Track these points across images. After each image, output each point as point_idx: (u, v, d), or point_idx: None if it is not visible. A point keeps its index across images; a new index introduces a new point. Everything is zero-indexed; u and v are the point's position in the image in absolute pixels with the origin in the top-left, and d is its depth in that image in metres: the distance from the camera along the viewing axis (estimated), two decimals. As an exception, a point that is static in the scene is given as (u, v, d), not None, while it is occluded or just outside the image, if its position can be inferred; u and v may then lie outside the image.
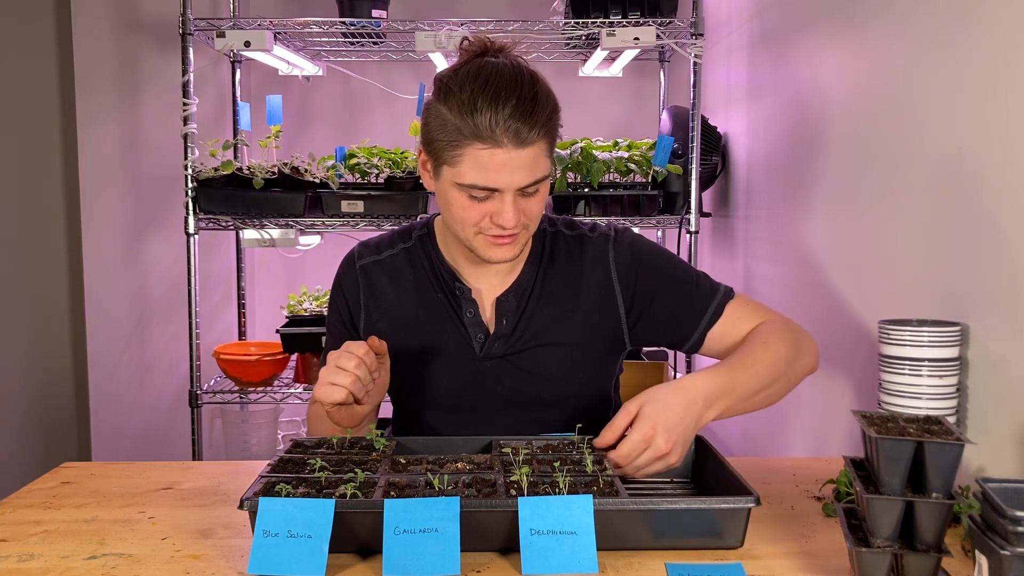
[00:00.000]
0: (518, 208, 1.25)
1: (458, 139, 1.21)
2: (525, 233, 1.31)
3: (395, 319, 1.40)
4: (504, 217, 1.24)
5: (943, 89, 1.40)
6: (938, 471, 0.90)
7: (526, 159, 1.22)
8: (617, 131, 2.92)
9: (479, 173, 1.22)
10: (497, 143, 1.20)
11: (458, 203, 1.26)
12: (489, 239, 1.28)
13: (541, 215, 1.32)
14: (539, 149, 1.23)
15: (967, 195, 1.32)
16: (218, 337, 3.01)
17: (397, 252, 1.44)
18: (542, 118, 1.22)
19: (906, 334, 1.28)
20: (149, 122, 3.01)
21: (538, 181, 1.25)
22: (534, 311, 1.39)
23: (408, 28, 2.51)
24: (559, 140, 1.34)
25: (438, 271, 1.41)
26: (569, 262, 1.41)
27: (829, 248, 1.86)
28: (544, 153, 1.25)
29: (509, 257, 1.30)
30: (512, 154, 1.21)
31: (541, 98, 1.24)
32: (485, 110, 1.19)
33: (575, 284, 1.40)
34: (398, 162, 2.50)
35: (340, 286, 1.46)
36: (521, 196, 1.26)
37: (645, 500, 1.02)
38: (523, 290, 1.40)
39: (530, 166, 1.23)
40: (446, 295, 1.40)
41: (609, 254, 1.41)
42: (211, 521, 1.13)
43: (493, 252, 1.29)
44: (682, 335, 1.40)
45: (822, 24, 1.91)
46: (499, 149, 1.20)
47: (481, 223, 1.26)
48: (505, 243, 1.28)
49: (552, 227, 1.45)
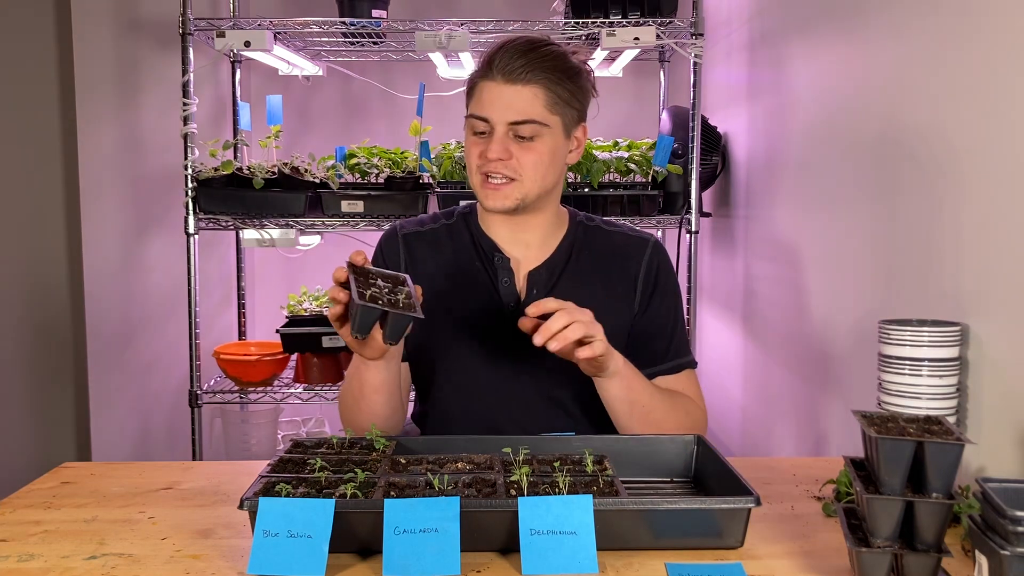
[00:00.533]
0: (507, 148, 1.36)
1: (473, 81, 1.41)
2: (520, 186, 1.39)
3: (432, 285, 1.44)
4: (490, 148, 1.36)
5: (943, 89, 1.40)
6: (938, 471, 0.90)
7: (516, 96, 1.35)
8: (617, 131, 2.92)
9: (477, 103, 1.39)
10: (492, 76, 1.36)
11: (467, 146, 1.42)
12: (486, 184, 1.39)
13: (540, 172, 1.39)
14: (532, 93, 1.35)
15: (967, 195, 1.32)
16: (218, 337, 3.01)
17: (439, 227, 1.54)
18: (540, 64, 1.35)
19: (906, 334, 1.28)
20: (149, 122, 3.01)
21: (528, 122, 1.36)
22: (564, 289, 1.46)
23: (408, 28, 2.51)
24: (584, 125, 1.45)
25: (478, 242, 1.49)
26: (603, 253, 1.51)
27: (829, 248, 1.86)
28: (541, 102, 1.36)
29: (501, 206, 1.39)
30: (503, 88, 1.35)
31: (550, 55, 1.37)
32: (492, 52, 1.38)
33: (605, 274, 1.49)
34: (398, 162, 2.50)
35: (380, 253, 1.53)
36: (515, 141, 1.37)
37: (645, 500, 1.02)
38: (555, 266, 1.48)
39: (520, 103, 1.35)
40: (484, 264, 1.48)
41: (645, 256, 1.51)
42: (211, 521, 1.13)
43: (487, 196, 1.40)
44: (641, 362, 1.44)
45: (822, 24, 1.91)
46: (492, 82, 1.36)
47: (478, 161, 1.39)
48: (494, 187, 1.38)
49: (591, 221, 1.55)
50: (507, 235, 1.48)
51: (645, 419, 1.37)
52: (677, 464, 1.27)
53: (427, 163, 2.44)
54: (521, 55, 1.35)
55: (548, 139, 1.38)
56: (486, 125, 1.37)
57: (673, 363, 1.49)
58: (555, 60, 1.37)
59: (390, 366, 1.34)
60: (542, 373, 1.44)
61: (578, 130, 1.44)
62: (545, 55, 1.36)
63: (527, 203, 1.41)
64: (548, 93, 1.36)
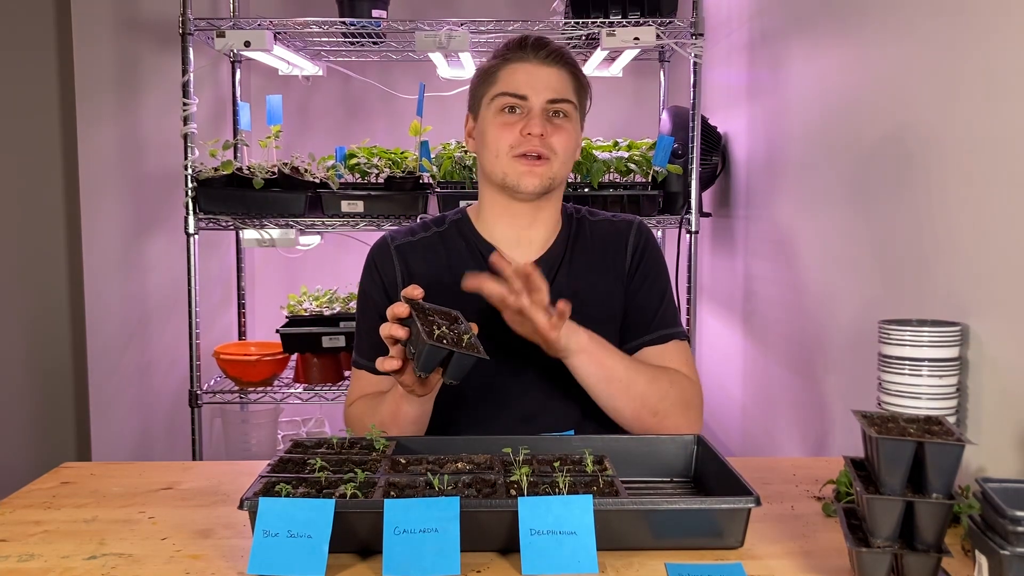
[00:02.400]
0: (545, 125, 1.39)
1: (494, 68, 1.44)
2: (552, 166, 1.42)
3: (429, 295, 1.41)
4: (531, 124, 1.38)
5: (943, 88, 1.40)
6: (938, 471, 0.90)
7: (552, 76, 1.41)
8: (617, 131, 2.92)
9: (510, 82, 1.41)
10: (525, 58, 1.41)
11: (493, 125, 1.42)
12: (521, 163, 1.40)
13: (568, 154, 1.44)
14: (564, 75, 1.43)
15: (967, 195, 1.32)
16: (218, 337, 3.01)
17: (431, 235, 1.52)
18: (567, 55, 1.44)
19: (906, 334, 1.28)
20: (149, 122, 3.01)
21: (564, 100, 1.42)
22: (561, 284, 1.46)
23: (408, 28, 2.51)
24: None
25: (475, 247, 1.49)
26: (594, 242, 1.52)
27: (829, 248, 1.86)
28: (570, 85, 1.43)
29: (536, 186, 1.41)
30: (539, 68, 1.41)
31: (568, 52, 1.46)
32: (517, 42, 1.43)
33: (599, 262, 1.50)
34: (398, 162, 2.50)
35: (375, 268, 1.50)
36: (549, 122, 1.41)
37: (645, 500, 1.02)
38: (552, 263, 1.48)
39: (556, 83, 1.41)
40: (483, 268, 1.44)
41: (630, 236, 1.53)
42: (211, 521, 1.13)
43: (522, 177, 1.40)
44: (627, 336, 1.47)
45: (822, 24, 1.91)
46: (527, 63, 1.41)
47: (513, 141, 1.40)
48: (531, 165, 1.40)
49: (578, 213, 1.57)
50: (511, 237, 1.48)
51: (627, 394, 1.35)
52: (677, 464, 1.27)
53: (427, 163, 2.44)
54: (549, 43, 1.42)
55: (575, 122, 1.45)
56: (522, 102, 1.40)
57: (658, 334, 1.47)
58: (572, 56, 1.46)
59: (431, 399, 1.32)
60: (546, 378, 1.43)
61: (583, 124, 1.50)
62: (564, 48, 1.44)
63: (553, 187, 1.44)
64: (574, 79, 1.44)
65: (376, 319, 1.43)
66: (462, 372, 1.18)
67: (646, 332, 1.47)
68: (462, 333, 1.20)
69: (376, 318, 1.44)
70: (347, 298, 2.61)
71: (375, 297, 1.48)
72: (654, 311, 1.49)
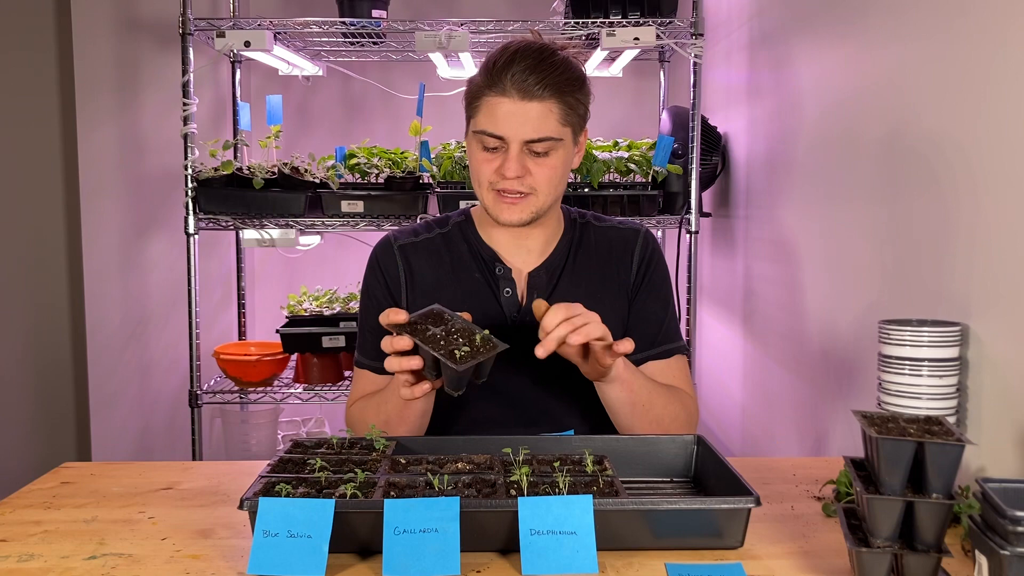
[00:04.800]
0: (524, 165, 1.34)
1: (478, 91, 1.36)
2: (535, 200, 1.37)
3: (432, 296, 1.43)
4: (507, 167, 1.33)
5: (943, 89, 1.40)
6: (938, 471, 0.90)
7: (532, 113, 1.32)
8: (617, 131, 2.92)
9: (488, 120, 1.34)
10: (505, 93, 1.32)
11: (475, 157, 1.38)
12: (499, 197, 1.37)
13: (553, 185, 1.38)
14: (547, 108, 1.33)
15: (967, 195, 1.32)
16: (218, 337, 3.01)
17: (434, 236, 1.50)
18: (553, 78, 1.32)
19: (906, 334, 1.28)
20: (149, 122, 3.01)
21: (544, 140, 1.33)
22: (564, 290, 1.45)
23: (408, 28, 2.51)
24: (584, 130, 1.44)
25: (477, 252, 1.47)
26: (598, 250, 1.50)
27: (829, 248, 1.86)
28: (555, 117, 1.33)
29: (517, 220, 1.38)
30: (518, 105, 1.32)
31: (559, 65, 1.34)
32: (501, 64, 1.32)
33: (603, 270, 1.48)
34: (398, 162, 2.50)
35: (379, 268, 1.49)
36: (529, 156, 1.35)
37: (645, 500, 1.02)
38: (554, 269, 1.47)
39: (535, 121, 1.32)
40: (484, 275, 1.46)
41: (636, 245, 1.51)
42: (211, 521, 1.13)
43: (502, 211, 1.38)
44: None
45: (822, 24, 1.91)
46: (506, 99, 1.32)
47: (492, 178, 1.36)
48: (511, 202, 1.36)
49: (582, 218, 1.54)
50: (510, 243, 1.47)
51: (645, 416, 1.37)
52: (677, 464, 1.27)
53: (427, 163, 2.44)
54: (533, 70, 1.31)
55: (561, 152, 1.37)
56: (499, 142, 1.34)
57: (663, 348, 1.48)
58: (564, 72, 1.34)
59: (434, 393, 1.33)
60: (545, 386, 1.43)
61: (582, 135, 1.44)
62: (554, 67, 1.33)
63: (542, 214, 1.40)
64: (562, 107, 1.34)
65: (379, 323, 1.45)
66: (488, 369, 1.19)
67: (651, 346, 1.47)
68: (462, 333, 1.19)
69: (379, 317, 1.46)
70: (347, 298, 2.61)
71: (378, 296, 1.48)
72: (659, 325, 1.49)
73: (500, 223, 1.39)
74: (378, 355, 1.36)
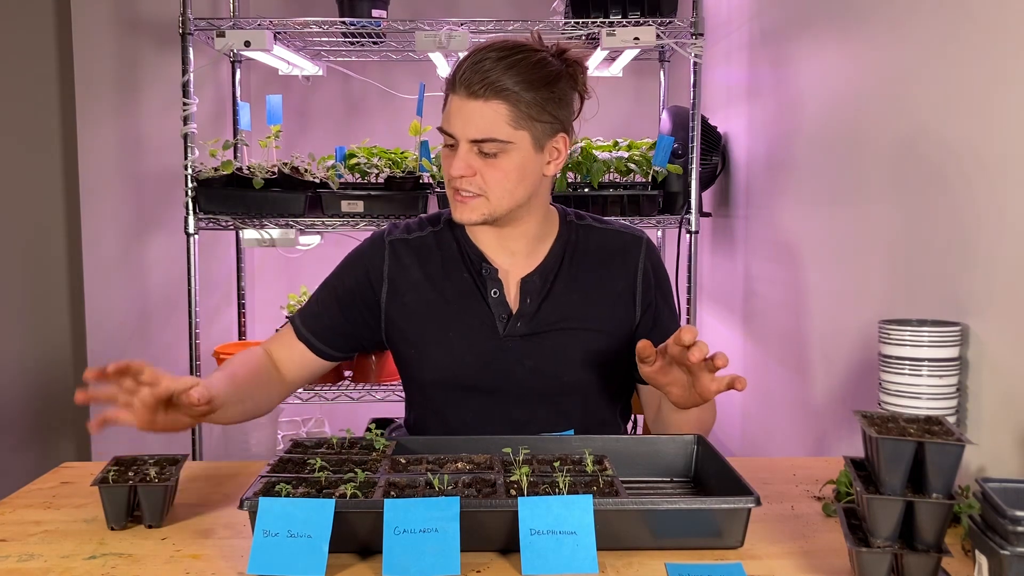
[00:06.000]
0: (470, 165, 1.31)
1: (446, 87, 1.35)
2: (485, 202, 1.34)
3: (421, 295, 1.43)
4: (455, 166, 1.32)
5: (943, 89, 1.40)
6: (938, 471, 0.90)
7: (476, 113, 1.29)
8: (617, 131, 2.92)
9: (446, 118, 1.34)
10: (456, 89, 1.31)
11: (442, 153, 1.38)
12: (456, 196, 1.35)
13: (506, 189, 1.33)
14: (493, 109, 1.29)
15: (967, 194, 1.32)
16: (218, 337, 3.01)
17: (426, 235, 1.49)
18: (504, 78, 1.28)
19: (906, 334, 1.28)
20: (149, 122, 3.01)
21: (488, 140, 1.30)
22: (558, 294, 1.43)
23: (408, 28, 2.51)
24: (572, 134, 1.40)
25: (465, 252, 1.45)
26: (598, 253, 1.47)
27: (829, 248, 1.86)
28: (503, 118, 1.29)
29: (468, 219, 1.36)
30: (464, 103, 1.30)
31: (518, 65, 1.29)
32: (462, 61, 1.31)
33: (601, 274, 1.46)
34: (398, 162, 2.50)
35: (362, 259, 1.48)
36: (479, 156, 1.32)
37: (645, 500, 1.02)
38: (548, 272, 1.44)
39: (479, 121, 1.29)
40: (472, 275, 1.44)
41: (641, 256, 1.48)
42: (211, 521, 1.13)
43: (455, 209, 1.36)
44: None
45: (822, 24, 1.91)
46: (456, 96, 1.31)
47: (449, 175, 1.35)
48: (461, 200, 1.35)
49: (580, 220, 1.50)
50: (494, 244, 1.44)
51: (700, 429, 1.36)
52: (677, 464, 1.26)
53: (427, 163, 2.44)
54: (483, 68, 1.27)
55: (515, 155, 1.31)
56: (452, 139, 1.33)
57: None
58: (524, 71, 1.28)
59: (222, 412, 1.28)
60: (535, 385, 1.41)
61: (556, 140, 1.36)
62: (512, 65, 1.28)
63: (496, 217, 1.35)
64: (512, 108, 1.28)
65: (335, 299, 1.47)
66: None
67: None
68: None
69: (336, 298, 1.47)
70: (347, 298, 2.61)
71: (348, 284, 1.47)
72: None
73: (456, 221, 1.38)
74: (312, 329, 1.45)
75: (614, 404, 1.50)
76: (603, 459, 1.14)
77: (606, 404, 1.48)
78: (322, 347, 1.46)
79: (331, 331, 1.46)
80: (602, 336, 1.43)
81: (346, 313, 1.45)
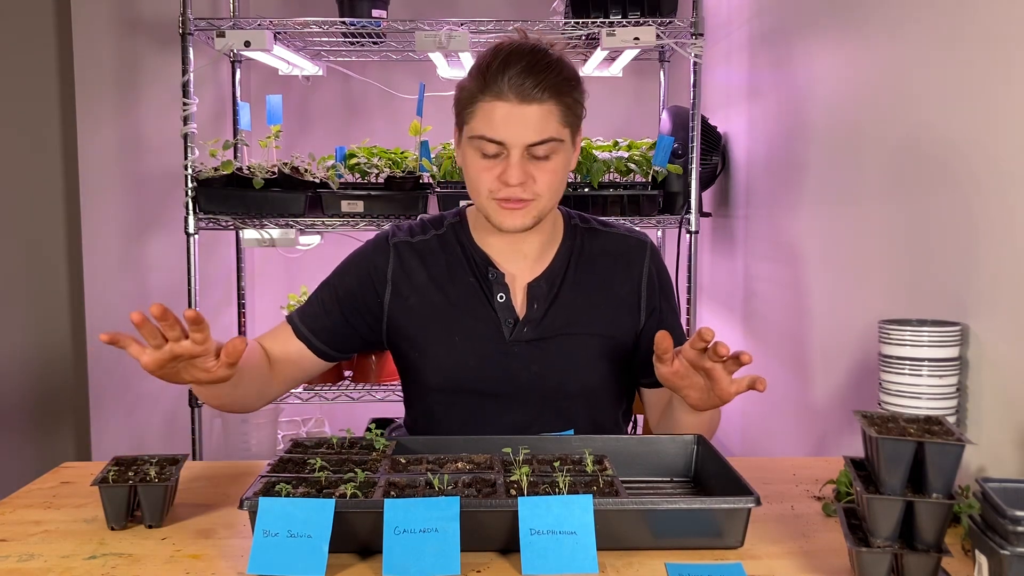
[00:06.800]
0: (526, 171, 1.30)
1: (472, 97, 1.31)
2: (537, 204, 1.34)
3: (426, 297, 1.42)
4: (509, 174, 1.29)
5: (943, 88, 1.40)
6: (938, 471, 0.90)
7: (531, 116, 1.28)
8: (617, 131, 2.92)
9: (486, 125, 1.29)
10: (502, 96, 1.28)
11: (473, 165, 1.33)
12: (500, 204, 1.32)
13: (555, 189, 1.35)
14: (547, 110, 1.29)
15: (967, 195, 1.32)
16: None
17: (429, 238, 1.47)
18: (551, 80, 1.28)
19: (906, 334, 1.28)
20: (149, 122, 3.01)
21: (545, 142, 1.30)
22: (565, 299, 1.42)
23: (408, 28, 2.51)
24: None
25: (471, 255, 1.44)
26: (603, 257, 1.47)
27: (829, 248, 1.86)
28: (555, 117, 1.30)
29: (520, 225, 1.34)
30: (517, 109, 1.28)
31: (554, 65, 1.30)
32: (496, 68, 1.28)
33: (607, 278, 1.46)
34: (398, 162, 2.50)
35: (365, 260, 1.47)
36: (531, 161, 1.31)
37: (645, 500, 1.02)
38: (555, 277, 1.44)
39: (536, 124, 1.28)
40: (478, 279, 1.43)
41: (645, 261, 1.48)
42: (211, 521, 1.13)
43: (505, 218, 1.33)
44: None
45: (822, 24, 1.91)
46: (504, 103, 1.28)
47: (492, 186, 1.32)
48: (515, 208, 1.32)
49: (585, 223, 1.50)
50: (504, 248, 1.44)
51: (710, 430, 1.37)
52: (677, 464, 1.26)
53: (427, 163, 2.44)
54: (530, 72, 1.27)
55: (563, 154, 1.34)
56: (498, 147, 1.30)
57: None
58: (560, 72, 1.31)
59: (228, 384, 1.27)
60: (540, 390, 1.41)
61: (578, 135, 1.40)
62: (550, 67, 1.30)
63: (542, 219, 1.36)
64: (560, 108, 1.31)
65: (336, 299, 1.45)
66: None
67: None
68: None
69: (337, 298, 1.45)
70: (347, 298, 2.61)
71: (350, 283, 1.46)
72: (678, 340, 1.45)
73: (503, 230, 1.35)
74: (312, 328, 1.44)
75: (616, 407, 1.50)
76: (603, 459, 1.14)
77: (609, 407, 1.48)
78: (321, 346, 1.46)
79: (331, 331, 1.45)
80: (607, 341, 1.43)
81: (347, 314, 1.45)
